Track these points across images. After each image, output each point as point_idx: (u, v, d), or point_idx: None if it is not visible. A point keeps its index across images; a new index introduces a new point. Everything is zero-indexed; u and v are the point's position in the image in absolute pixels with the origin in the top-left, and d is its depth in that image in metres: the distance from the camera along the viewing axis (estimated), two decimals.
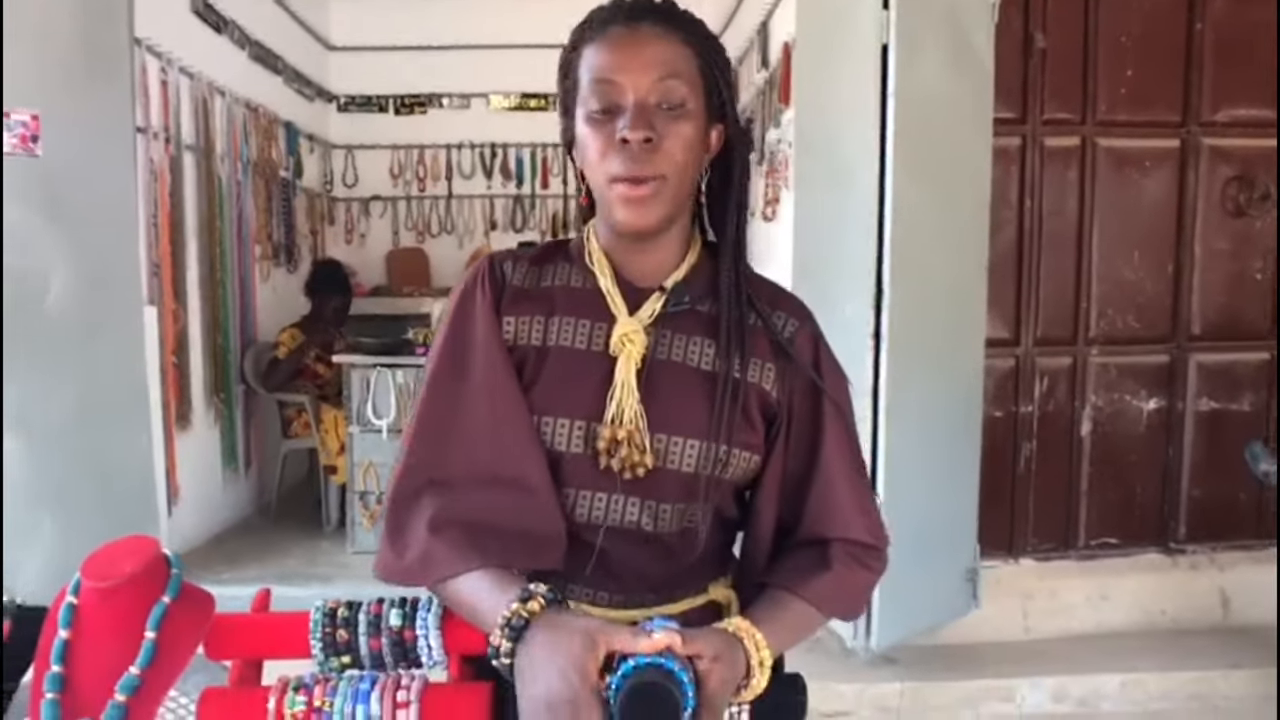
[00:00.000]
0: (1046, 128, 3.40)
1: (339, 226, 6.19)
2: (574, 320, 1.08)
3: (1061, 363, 3.50)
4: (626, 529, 1.07)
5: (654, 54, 1.01)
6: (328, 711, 1.10)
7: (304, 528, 4.31)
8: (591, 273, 1.10)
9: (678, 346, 1.08)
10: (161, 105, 3.80)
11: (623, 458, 1.03)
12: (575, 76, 1.05)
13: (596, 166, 1.03)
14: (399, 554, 1.04)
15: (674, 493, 1.06)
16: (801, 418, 1.10)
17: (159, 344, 3.58)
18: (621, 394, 1.04)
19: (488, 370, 1.06)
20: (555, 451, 1.05)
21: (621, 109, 1.01)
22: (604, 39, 1.03)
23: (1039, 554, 3.54)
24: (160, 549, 1.17)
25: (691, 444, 1.05)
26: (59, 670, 1.09)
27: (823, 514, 1.09)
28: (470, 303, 1.10)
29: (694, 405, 1.06)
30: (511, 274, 1.11)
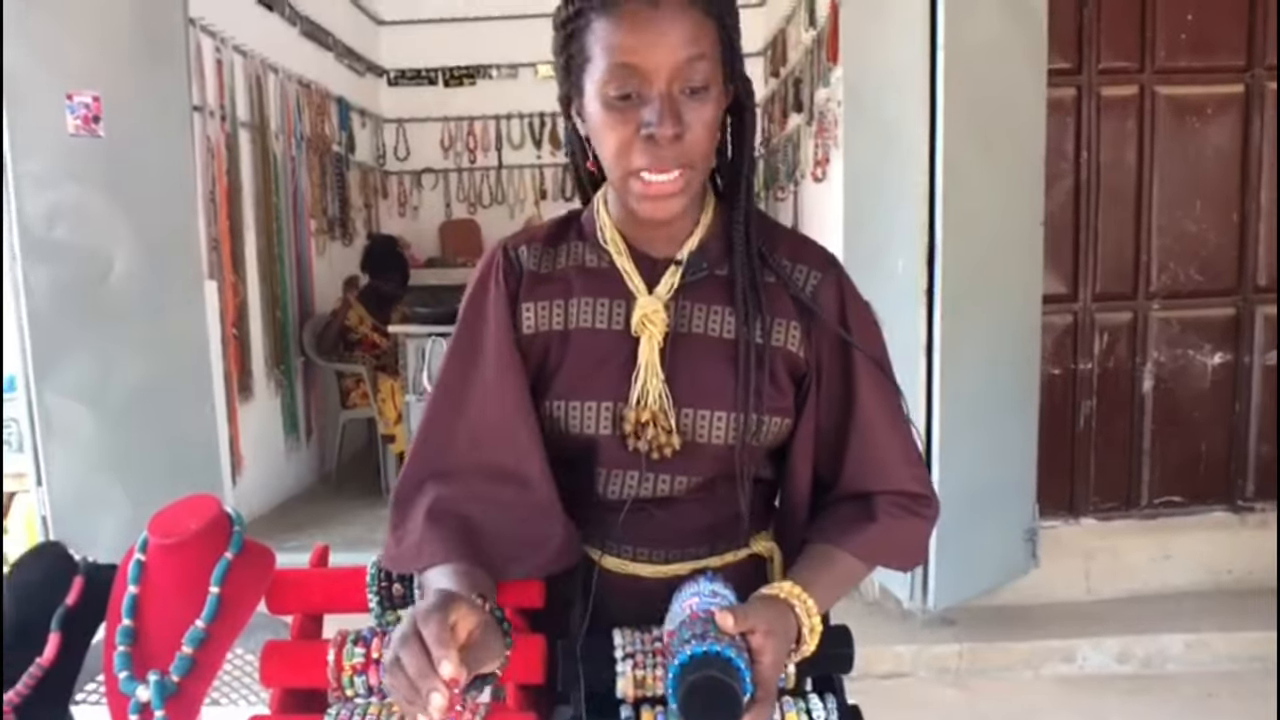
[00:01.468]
0: (1103, 77, 3.30)
1: (392, 199, 6.27)
2: (593, 300, 1.06)
3: (1122, 318, 3.42)
4: (660, 497, 1.07)
5: (679, 34, 0.93)
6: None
7: (364, 496, 4.40)
8: (606, 250, 1.07)
9: (699, 317, 1.06)
10: (216, 84, 3.87)
11: (649, 439, 1.03)
12: (584, 47, 0.97)
13: (615, 158, 0.97)
14: (398, 541, 1.06)
15: (706, 466, 1.06)
16: (832, 372, 1.08)
17: (219, 317, 3.67)
18: (645, 375, 1.03)
19: (496, 367, 1.05)
20: (585, 435, 1.05)
21: (643, 97, 0.94)
22: (621, 14, 0.93)
23: (1100, 513, 3.48)
24: (222, 507, 1.21)
25: (719, 416, 1.04)
26: (129, 624, 1.13)
27: (863, 468, 1.07)
28: (483, 296, 1.08)
29: (720, 377, 1.04)
30: (526, 259, 1.08)
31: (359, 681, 1.12)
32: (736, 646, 0.85)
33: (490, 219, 6.27)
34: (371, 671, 1.13)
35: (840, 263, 1.12)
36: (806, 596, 0.95)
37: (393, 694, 0.81)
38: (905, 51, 2.87)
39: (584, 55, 0.97)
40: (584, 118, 1.01)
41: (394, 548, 1.06)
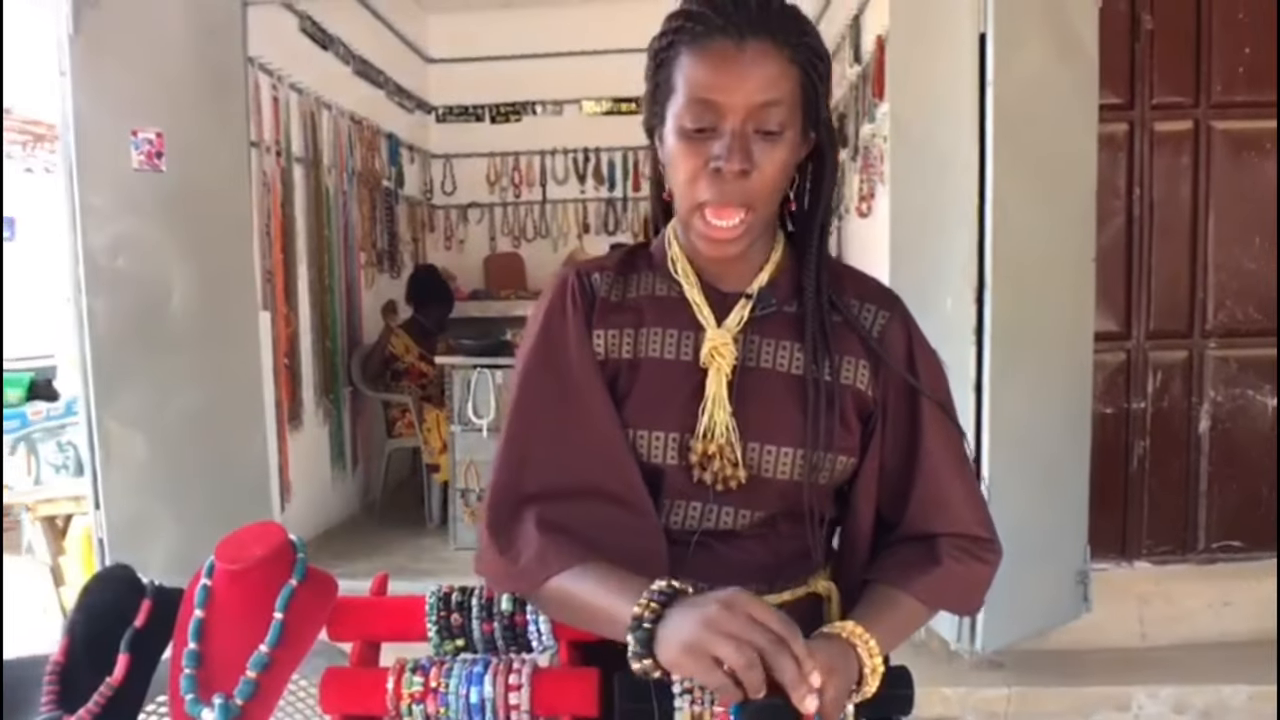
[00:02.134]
0: (1156, 112, 3.26)
1: (438, 233, 6.36)
2: (662, 331, 1.08)
3: (1176, 356, 3.35)
4: (722, 531, 1.07)
5: (759, 78, 0.95)
6: (443, 692, 1.14)
7: (408, 525, 4.43)
8: (676, 281, 1.09)
9: (767, 352, 1.07)
10: (273, 120, 3.97)
11: (715, 471, 1.03)
12: (670, 77, 1.00)
13: (684, 187, 1.00)
14: (512, 559, 1.03)
15: (770, 501, 1.06)
16: (898, 412, 1.09)
17: (272, 347, 3.74)
18: (712, 408, 1.04)
19: (584, 389, 1.06)
20: (651, 464, 1.05)
21: (717, 132, 0.96)
22: (707, 52, 0.96)
23: (1155, 557, 3.39)
24: (286, 534, 1.23)
25: (785, 451, 1.04)
26: (195, 647, 1.15)
27: (928, 509, 1.07)
28: (561, 317, 1.08)
29: (788, 413, 1.05)
30: (599, 285, 1.10)
31: (417, 710, 1.13)
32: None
33: (534, 252, 6.34)
34: (429, 700, 1.14)
35: (904, 303, 1.13)
36: (869, 637, 0.95)
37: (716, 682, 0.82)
38: (954, 86, 2.88)
39: (669, 85, 1.00)
40: (663, 146, 1.04)
41: (510, 566, 1.03)
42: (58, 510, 3.87)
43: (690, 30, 0.97)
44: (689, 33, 0.97)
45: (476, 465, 3.89)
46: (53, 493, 3.94)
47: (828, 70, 1.02)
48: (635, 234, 6.32)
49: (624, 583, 0.94)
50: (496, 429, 3.87)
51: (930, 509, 1.07)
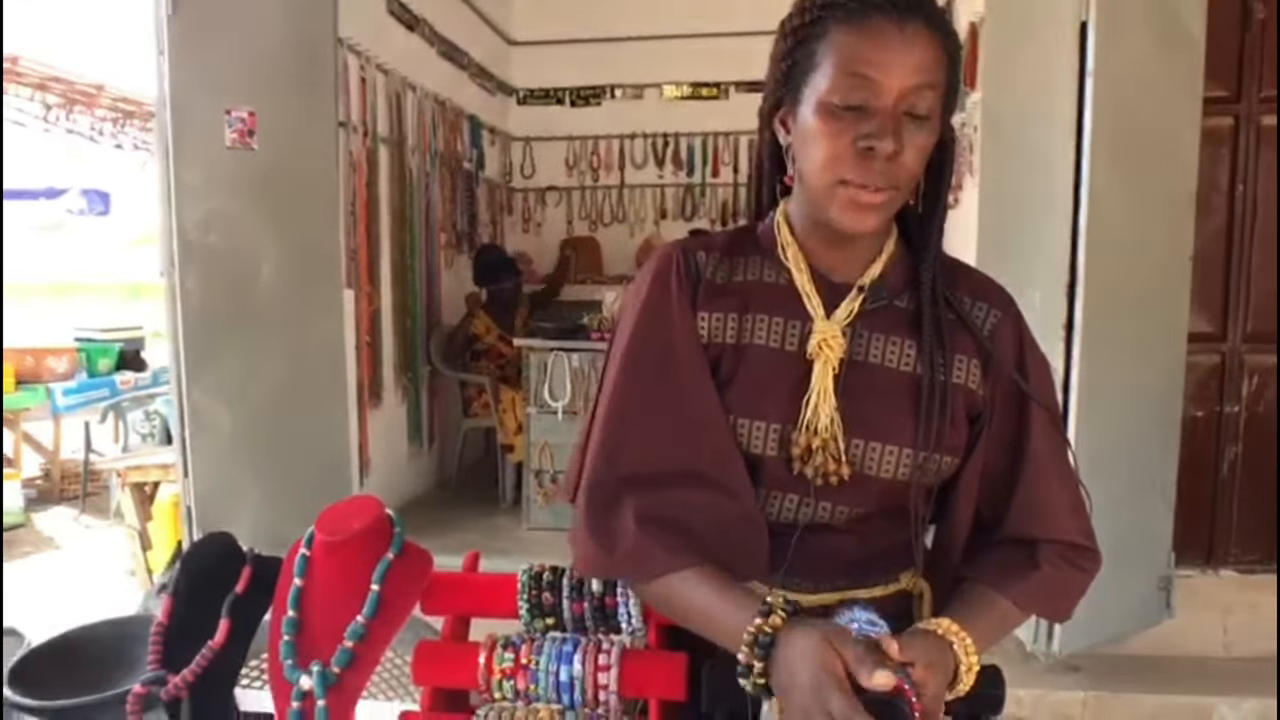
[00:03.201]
0: (1264, 105, 3.14)
1: (516, 215, 6.42)
2: (768, 318, 1.05)
3: (1273, 361, 3.24)
4: (819, 524, 1.06)
5: (920, 58, 0.94)
6: (533, 669, 1.16)
7: (481, 503, 4.50)
8: (785, 267, 1.07)
9: (876, 347, 1.05)
10: (360, 100, 4.04)
11: (817, 466, 1.02)
12: (813, 54, 0.97)
13: (825, 165, 0.97)
14: (607, 549, 1.01)
15: (870, 499, 1.05)
16: (1005, 414, 1.07)
17: (355, 325, 3.81)
18: (818, 401, 1.02)
19: (689, 370, 1.04)
20: (751, 454, 1.03)
21: (870, 111, 0.94)
22: (865, 26, 0.94)
23: (1242, 565, 3.29)
24: (384, 509, 1.26)
25: (891, 450, 1.02)
26: (294, 615, 1.19)
27: (1030, 513, 1.06)
28: (665, 296, 1.06)
29: (897, 411, 1.03)
30: (704, 266, 1.08)
31: (507, 685, 1.15)
32: (899, 677, 0.85)
33: (610, 237, 6.36)
34: (520, 676, 1.16)
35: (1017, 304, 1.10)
36: (965, 635, 0.94)
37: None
38: (1050, 78, 2.80)
39: (811, 62, 0.98)
40: (791, 126, 1.02)
41: (603, 557, 1.02)
42: (146, 478, 4.02)
43: (843, 7, 0.95)
44: (842, 9, 0.95)
45: (551, 447, 3.93)
46: (142, 461, 4.09)
47: (962, 64, 1.02)
48: (713, 220, 6.29)
49: (723, 601, 0.95)
50: (572, 412, 3.90)
51: (1033, 513, 1.06)
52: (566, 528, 3.71)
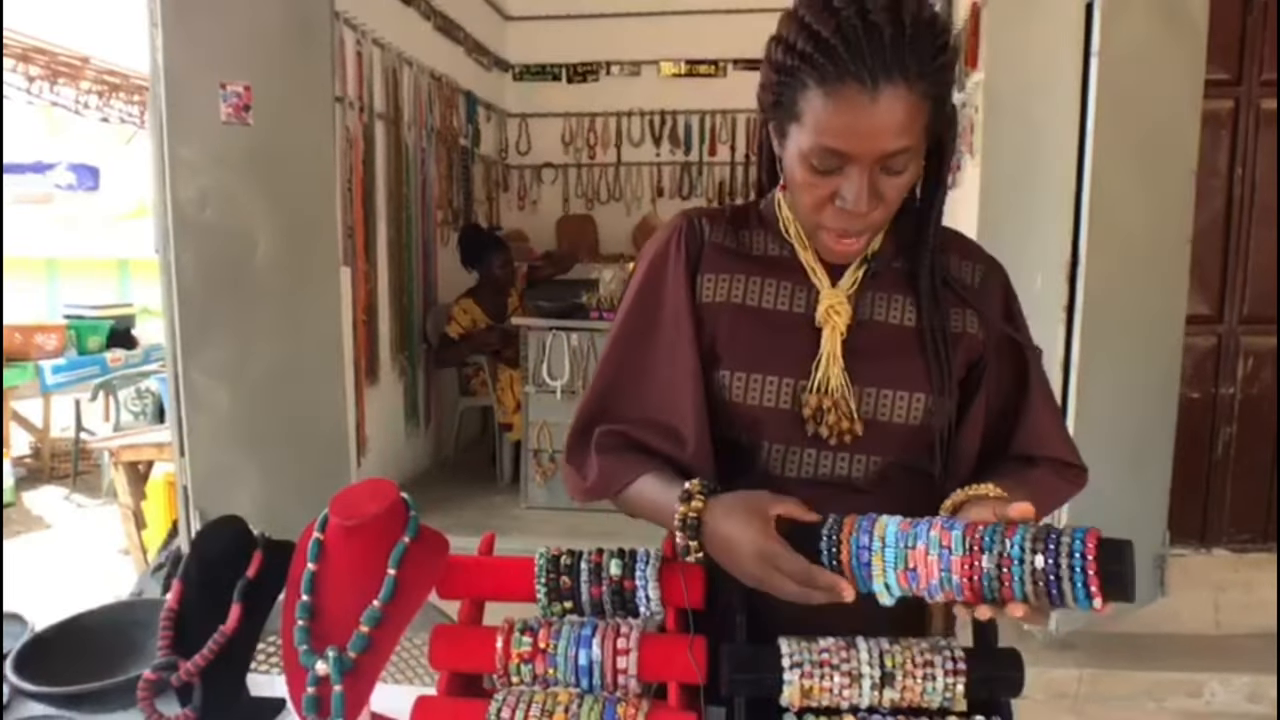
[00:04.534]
0: (1263, 89, 3.14)
1: (512, 193, 6.38)
2: (776, 282, 1.12)
3: (1268, 343, 3.26)
4: (836, 482, 1.10)
5: (893, 126, 0.92)
6: (551, 653, 1.16)
7: (478, 482, 4.50)
8: (788, 242, 1.13)
9: (879, 306, 1.11)
10: (356, 76, 3.99)
11: (830, 424, 1.07)
12: (794, 103, 0.96)
13: (806, 209, 1.03)
14: (583, 477, 1.16)
15: (886, 446, 1.09)
16: (1003, 355, 1.14)
17: (351, 303, 3.79)
18: (827, 364, 1.07)
19: (673, 332, 1.12)
20: (761, 408, 1.09)
21: (843, 171, 0.96)
22: (839, 95, 0.92)
23: (1234, 544, 3.33)
24: (399, 492, 1.26)
25: (902, 396, 1.08)
26: (308, 600, 1.18)
27: (1029, 441, 1.14)
28: (664, 261, 1.14)
29: (904, 361, 1.09)
30: (710, 232, 1.14)
31: (525, 669, 1.15)
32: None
33: (606, 216, 6.33)
34: (538, 660, 1.16)
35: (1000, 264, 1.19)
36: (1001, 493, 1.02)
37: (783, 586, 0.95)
38: (1053, 59, 2.79)
39: (793, 110, 0.98)
40: (779, 145, 1.05)
41: (583, 483, 1.16)
42: (140, 457, 4.00)
43: (818, 64, 0.92)
44: (817, 67, 0.93)
45: (550, 427, 3.93)
46: (136, 439, 4.07)
47: (953, 78, 1.05)
48: (710, 199, 6.27)
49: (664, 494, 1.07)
50: (571, 391, 3.89)
51: (1032, 440, 1.15)
52: (565, 507, 3.74)
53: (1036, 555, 0.84)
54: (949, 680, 1.00)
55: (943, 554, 0.87)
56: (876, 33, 0.91)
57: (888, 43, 0.91)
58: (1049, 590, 0.85)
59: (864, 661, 0.99)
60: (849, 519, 0.95)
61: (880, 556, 0.90)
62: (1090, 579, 0.83)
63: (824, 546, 0.93)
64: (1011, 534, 0.86)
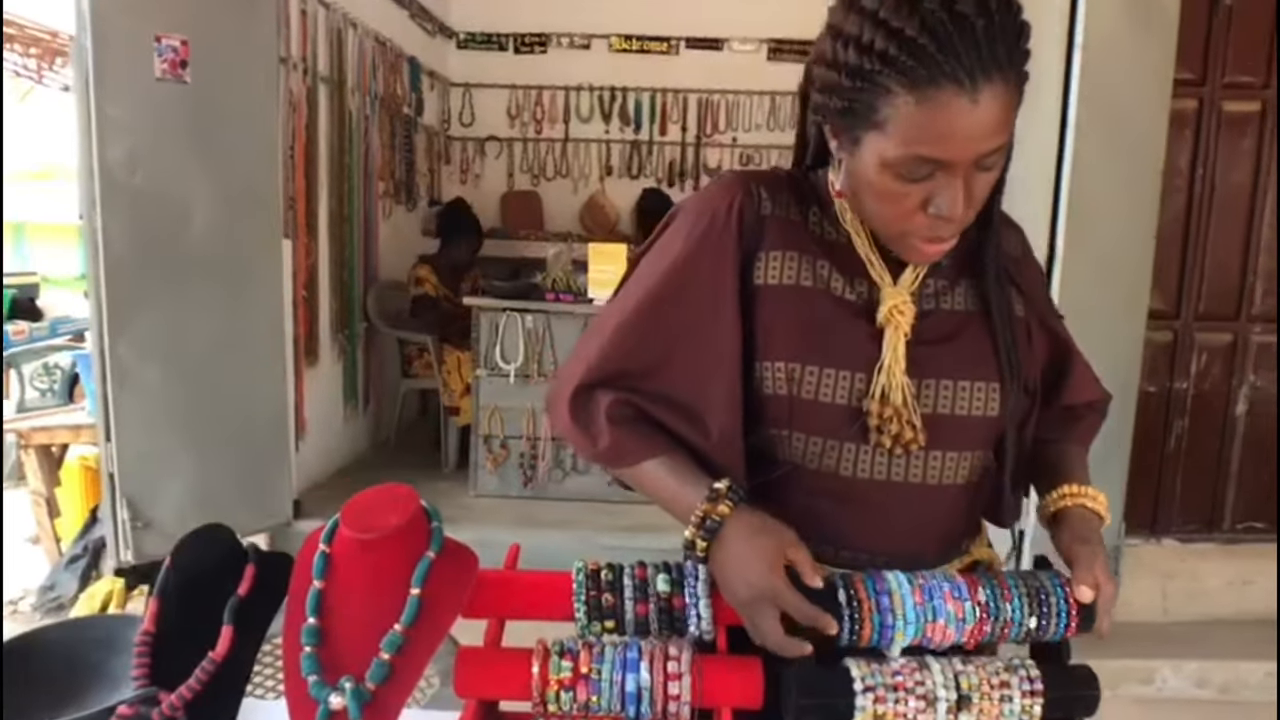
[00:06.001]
0: (1227, 91, 3.19)
1: (454, 166, 6.15)
2: (831, 267, 1.03)
3: (1222, 339, 3.34)
4: (898, 482, 1.03)
5: (993, 124, 0.85)
6: (595, 679, 1.06)
7: (422, 467, 4.34)
8: (846, 230, 1.05)
9: (943, 295, 1.05)
10: (301, 35, 3.76)
11: (893, 434, 1.00)
12: (874, 110, 0.87)
13: (888, 220, 0.95)
14: (592, 440, 1.06)
15: (956, 441, 1.04)
16: (1040, 322, 1.12)
17: (292, 278, 3.59)
18: (890, 368, 1.00)
19: (711, 309, 1.02)
20: (816, 402, 1.01)
21: (937, 178, 0.88)
22: (935, 99, 0.83)
23: (1182, 534, 3.42)
24: (420, 500, 1.14)
25: (979, 387, 1.03)
26: (315, 623, 1.06)
27: (1072, 393, 1.17)
28: (712, 229, 1.03)
29: (973, 350, 1.04)
30: (772, 204, 1.04)
31: (565, 697, 1.06)
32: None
33: (553, 192, 6.16)
34: (580, 686, 1.06)
35: None
36: (1087, 489, 1.07)
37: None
38: (1039, 48, 2.77)
39: (871, 118, 0.88)
40: (844, 147, 0.95)
41: (592, 446, 1.07)
42: (54, 440, 3.73)
43: (905, 67, 0.83)
44: (905, 71, 0.83)
45: (502, 412, 3.79)
46: (50, 421, 3.78)
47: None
48: (659, 179, 6.17)
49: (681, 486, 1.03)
50: (525, 375, 3.76)
51: (1074, 393, 1.17)
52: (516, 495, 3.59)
53: (1031, 617, 0.97)
54: (1026, 702, 0.96)
55: (958, 625, 0.95)
56: (968, 26, 0.82)
57: (981, 36, 0.82)
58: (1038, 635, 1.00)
59: (939, 684, 0.94)
60: (858, 583, 0.96)
61: (902, 633, 0.94)
62: (1069, 628, 1.00)
63: (845, 614, 0.94)
64: (1009, 598, 0.97)
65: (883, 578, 0.97)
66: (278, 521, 3.42)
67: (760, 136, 6.09)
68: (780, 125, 6.06)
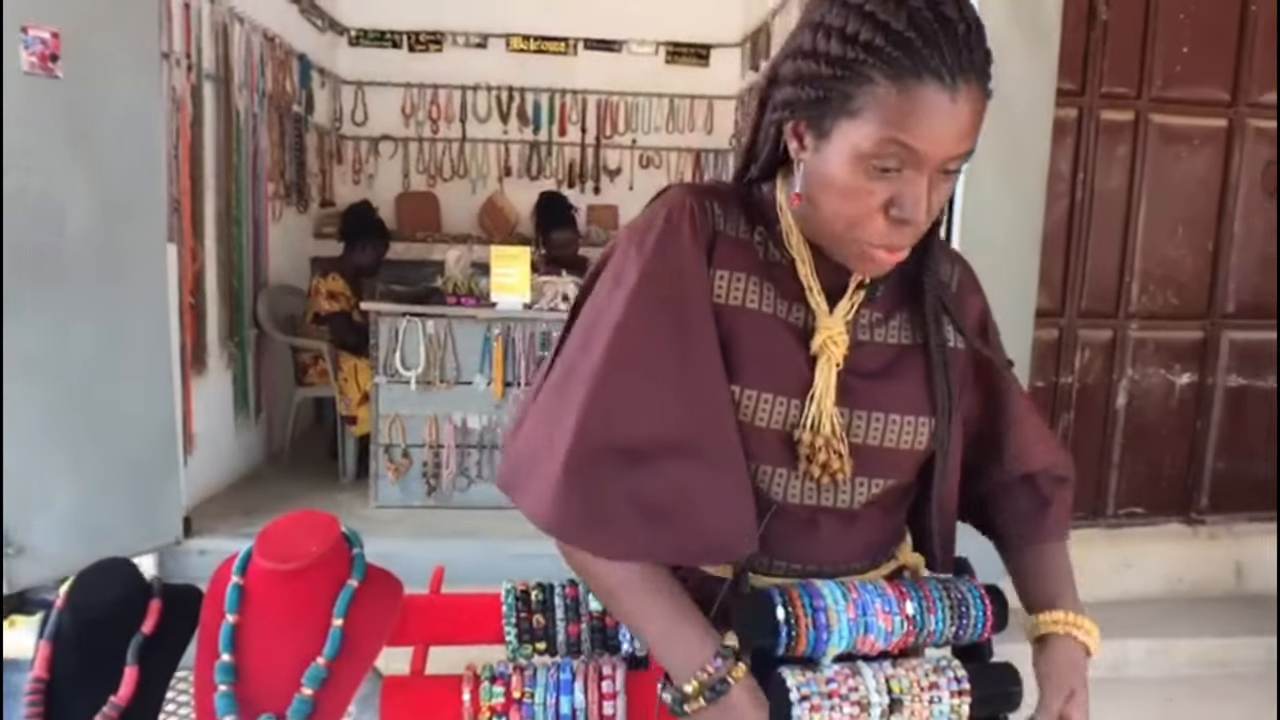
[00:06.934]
0: (1104, 101, 3.37)
1: (347, 166, 5.97)
2: (774, 291, 1.01)
3: (1103, 335, 3.52)
4: (826, 507, 1.03)
5: (967, 126, 0.87)
6: (528, 703, 1.04)
7: (318, 479, 4.18)
8: (788, 252, 1.02)
9: (877, 325, 1.05)
10: (184, 30, 3.58)
11: (821, 463, 0.99)
12: (852, 99, 0.87)
13: (847, 222, 0.92)
14: (588, 515, 0.94)
15: (883, 471, 1.04)
16: (980, 361, 1.11)
17: (178, 284, 3.42)
18: (820, 399, 0.99)
19: (700, 332, 0.97)
20: (753, 425, 0.99)
21: (904, 177, 0.88)
22: (916, 91, 0.84)
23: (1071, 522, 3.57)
24: (340, 526, 1.09)
25: (909, 420, 1.03)
26: (230, 659, 1.01)
27: (1021, 454, 1.14)
28: (676, 243, 0.98)
29: (905, 385, 1.04)
30: (723, 220, 1.01)
31: None
32: None
33: (450, 193, 6.03)
34: (513, 712, 1.04)
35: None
36: (1081, 620, 1.09)
37: None
38: None
39: (848, 107, 0.88)
40: (807, 146, 0.94)
41: (583, 520, 0.94)
42: None
43: (890, 58, 0.84)
44: (890, 61, 0.84)
45: (403, 420, 3.69)
46: None
47: None
48: (559, 180, 6.12)
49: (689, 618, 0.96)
50: (426, 382, 3.67)
51: (1023, 454, 1.15)
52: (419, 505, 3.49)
53: (952, 626, 1.03)
54: (954, 702, 0.99)
55: (886, 638, 0.99)
56: (952, 28, 0.84)
57: (962, 40, 0.85)
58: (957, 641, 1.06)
59: (872, 690, 0.96)
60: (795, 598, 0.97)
61: (835, 646, 0.96)
62: (984, 633, 1.06)
63: (782, 627, 0.96)
64: (933, 610, 1.01)
65: (819, 593, 0.97)
66: (166, 540, 3.25)
67: (660, 139, 6.11)
68: (679, 128, 6.11)
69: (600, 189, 6.18)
